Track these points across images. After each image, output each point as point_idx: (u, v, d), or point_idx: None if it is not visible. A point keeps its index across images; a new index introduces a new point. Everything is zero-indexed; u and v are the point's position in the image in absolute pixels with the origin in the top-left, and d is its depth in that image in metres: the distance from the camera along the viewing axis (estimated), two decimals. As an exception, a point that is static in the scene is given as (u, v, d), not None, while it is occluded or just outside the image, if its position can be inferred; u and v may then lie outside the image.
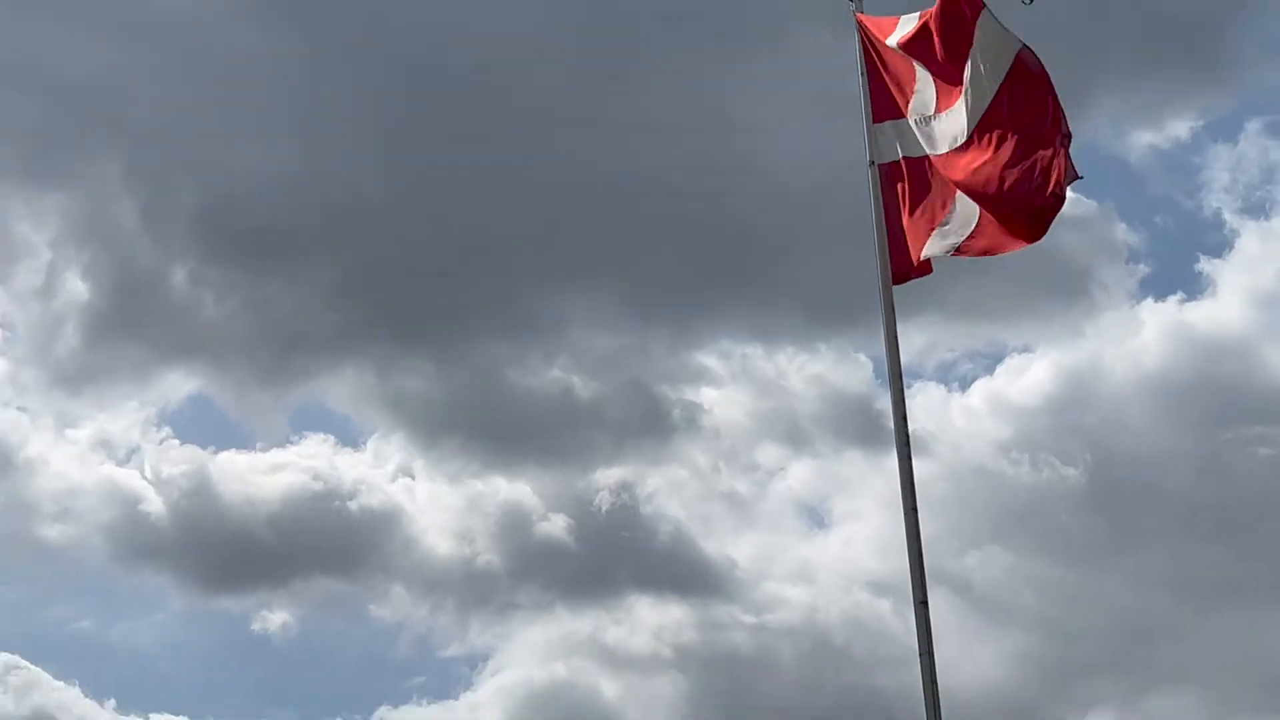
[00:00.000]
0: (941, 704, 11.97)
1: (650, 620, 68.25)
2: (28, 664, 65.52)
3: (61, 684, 71.73)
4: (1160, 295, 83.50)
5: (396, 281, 62.68)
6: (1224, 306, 74.96)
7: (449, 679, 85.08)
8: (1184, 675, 56.58)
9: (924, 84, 10.21)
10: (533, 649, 71.59)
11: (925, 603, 12.12)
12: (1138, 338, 74.47)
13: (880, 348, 10.75)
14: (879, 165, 10.70)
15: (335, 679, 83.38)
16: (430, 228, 57.54)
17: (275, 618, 76.10)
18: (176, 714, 72.51)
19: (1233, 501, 56.00)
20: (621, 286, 64.79)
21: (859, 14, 11.11)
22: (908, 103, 10.45)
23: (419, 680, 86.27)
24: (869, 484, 69.42)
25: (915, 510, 12.39)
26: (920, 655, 12.09)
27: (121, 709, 70.13)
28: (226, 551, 66.18)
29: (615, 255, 60.40)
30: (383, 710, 74.86)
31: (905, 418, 12.51)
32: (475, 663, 79.56)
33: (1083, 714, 63.49)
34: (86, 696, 70.00)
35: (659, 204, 55.63)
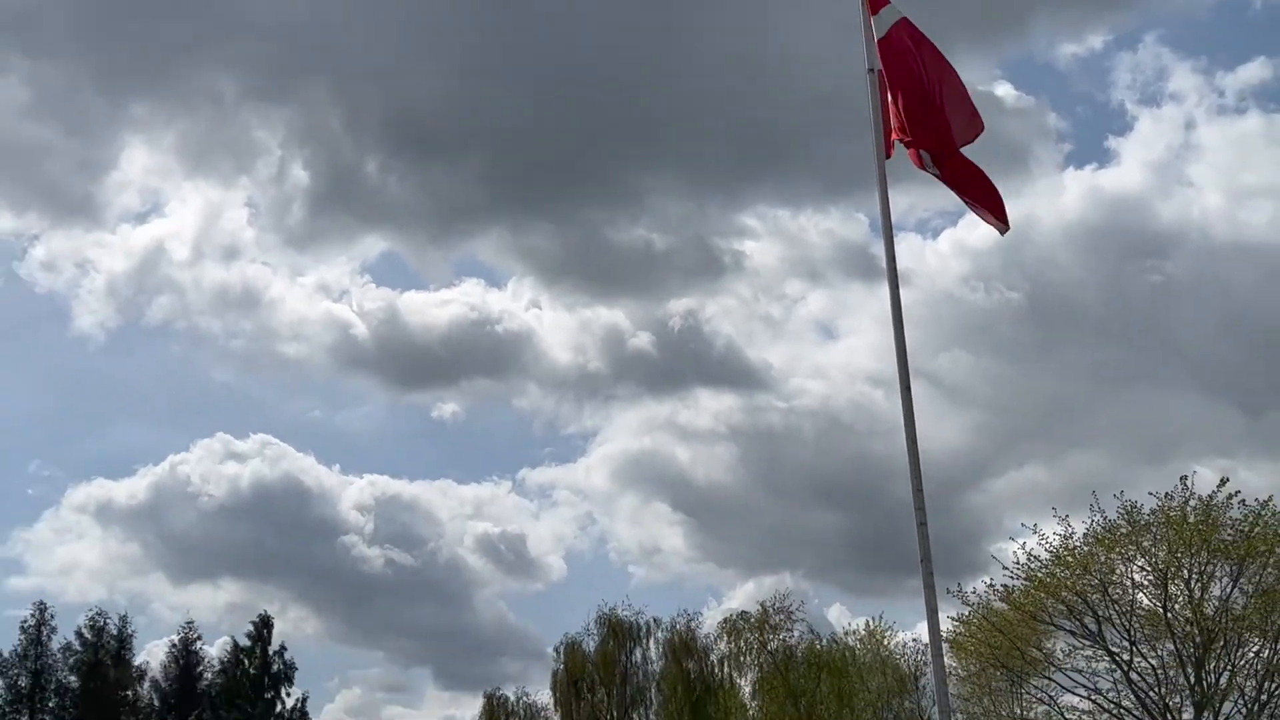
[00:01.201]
0: (920, 463, 14.90)
1: (710, 406, 75.77)
2: (278, 441, 76.73)
3: (301, 455, 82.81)
4: (1079, 165, 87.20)
5: (526, 166, 72.26)
6: (1126, 173, 78.95)
7: (569, 449, 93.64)
8: (1094, 439, 61.78)
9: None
10: (627, 427, 79.26)
11: (909, 389, 14.92)
12: (1063, 197, 79.01)
13: (875, 208, 11.94)
14: (875, 72, 11.89)
15: (489, 451, 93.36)
16: (549, 127, 65.34)
17: (447, 408, 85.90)
18: (380, 474, 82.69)
19: (1130, 313, 60.70)
20: (686, 167, 72.12)
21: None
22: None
23: (548, 450, 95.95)
24: (867, 307, 75.48)
25: (901, 325, 15.19)
26: (905, 427, 14.88)
27: (343, 472, 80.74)
28: (412, 362, 77.06)
29: (682, 143, 67.27)
30: (524, 471, 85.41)
31: (894, 258, 15.19)
32: (587, 438, 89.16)
33: (1020, 467, 69.18)
34: (319, 464, 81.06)
35: (714, 105, 62.00)
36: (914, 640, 42.00)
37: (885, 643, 42.28)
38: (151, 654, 40.77)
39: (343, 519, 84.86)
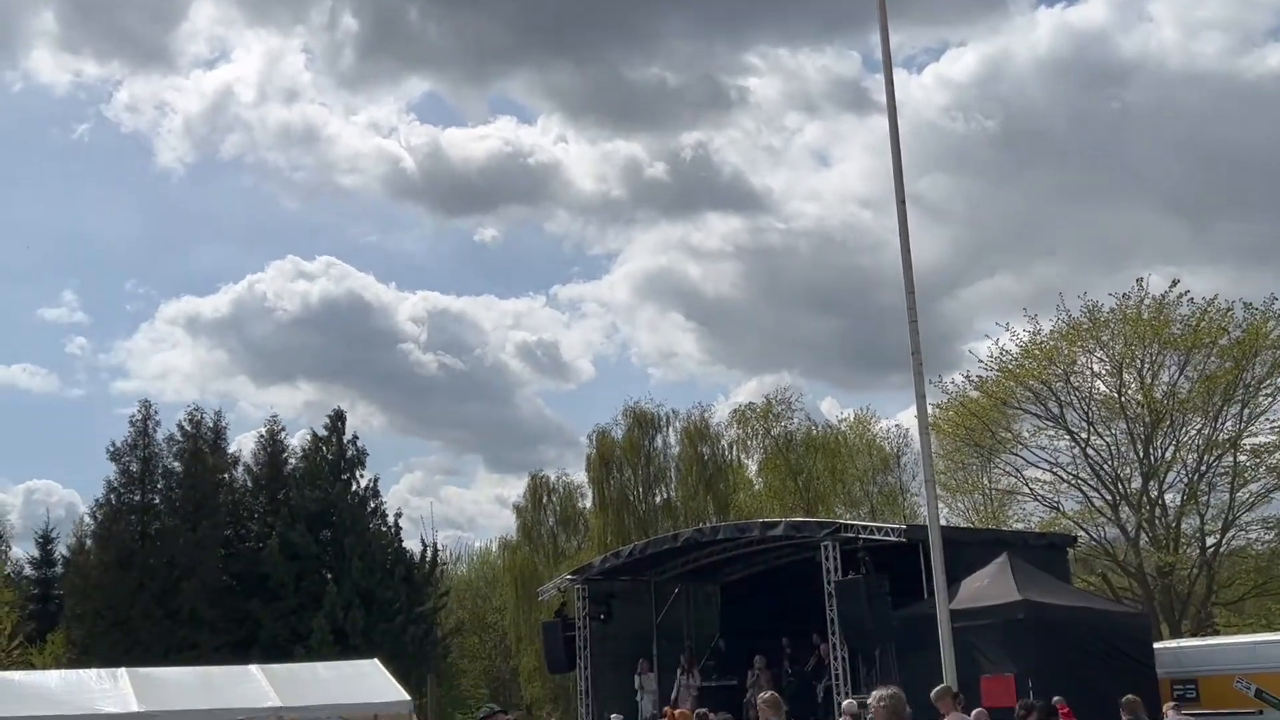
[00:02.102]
0: (913, 267, 16.97)
1: (718, 228, 78.78)
2: (340, 262, 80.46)
3: (361, 274, 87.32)
4: (1050, 4, 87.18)
5: (552, 11, 73.48)
6: (1092, 9, 78.90)
7: (595, 268, 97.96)
8: (1058, 250, 64.25)
9: None
10: (645, 248, 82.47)
11: (904, 202, 16.96)
12: (1035, 32, 79.59)
13: (867, 45, 14.15)
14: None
15: (525, 269, 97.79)
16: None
17: (487, 232, 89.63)
18: (431, 291, 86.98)
19: (1092, 137, 62.20)
20: (696, 9, 73.11)
21: None
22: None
23: (576, 269, 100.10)
24: (857, 137, 77.20)
25: (898, 143, 17.09)
26: (900, 236, 16.97)
27: (399, 289, 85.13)
28: (454, 191, 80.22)
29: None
30: (556, 288, 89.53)
31: (893, 84, 17.00)
32: (611, 258, 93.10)
33: (991, 276, 71.94)
34: (378, 281, 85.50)
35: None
36: (896, 426, 45.05)
37: (871, 429, 45.25)
38: (242, 445, 43.49)
39: (400, 329, 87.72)
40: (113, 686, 20.95)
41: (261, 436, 40.55)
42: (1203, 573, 31.07)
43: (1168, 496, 31.49)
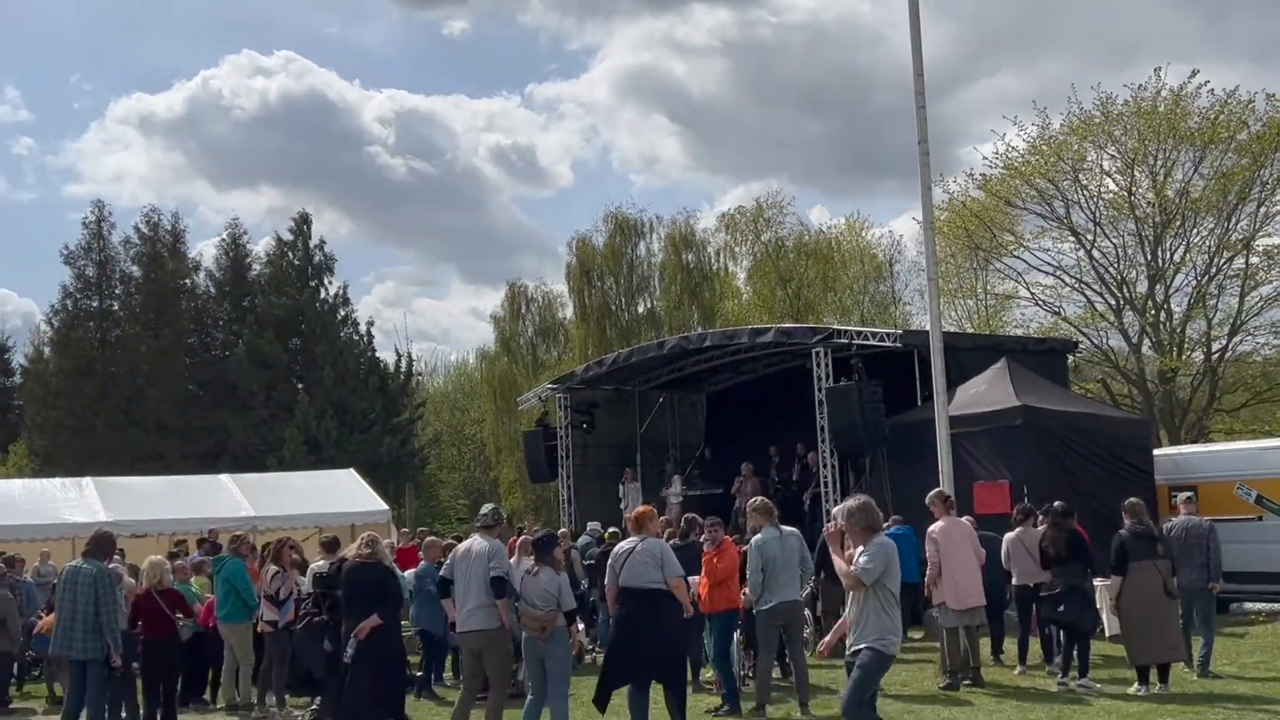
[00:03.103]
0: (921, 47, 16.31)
1: (706, 21, 76.75)
2: (299, 56, 78.54)
3: (322, 69, 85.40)
4: None
5: None
6: None
7: (573, 65, 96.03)
8: (1063, 45, 63.01)
9: None
10: (627, 43, 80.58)
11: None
12: None
13: None
14: None
15: (496, 68, 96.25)
16: None
17: (456, 24, 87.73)
18: (398, 89, 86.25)
19: None
20: None
21: None
22: None
23: (553, 66, 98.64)
24: None
25: None
26: (910, 13, 16.29)
27: (363, 87, 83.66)
28: None
29: None
30: (531, 86, 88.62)
31: None
32: (590, 54, 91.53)
33: (993, 75, 70.98)
34: (341, 78, 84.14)
35: None
36: (889, 232, 44.71)
37: (864, 235, 44.98)
38: (203, 252, 43.24)
39: (366, 130, 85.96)
40: (78, 496, 21.09)
41: (223, 241, 40.13)
42: (1206, 379, 31.38)
43: (1174, 300, 31.54)
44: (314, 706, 10.03)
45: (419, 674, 12.07)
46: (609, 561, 9.36)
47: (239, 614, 11.87)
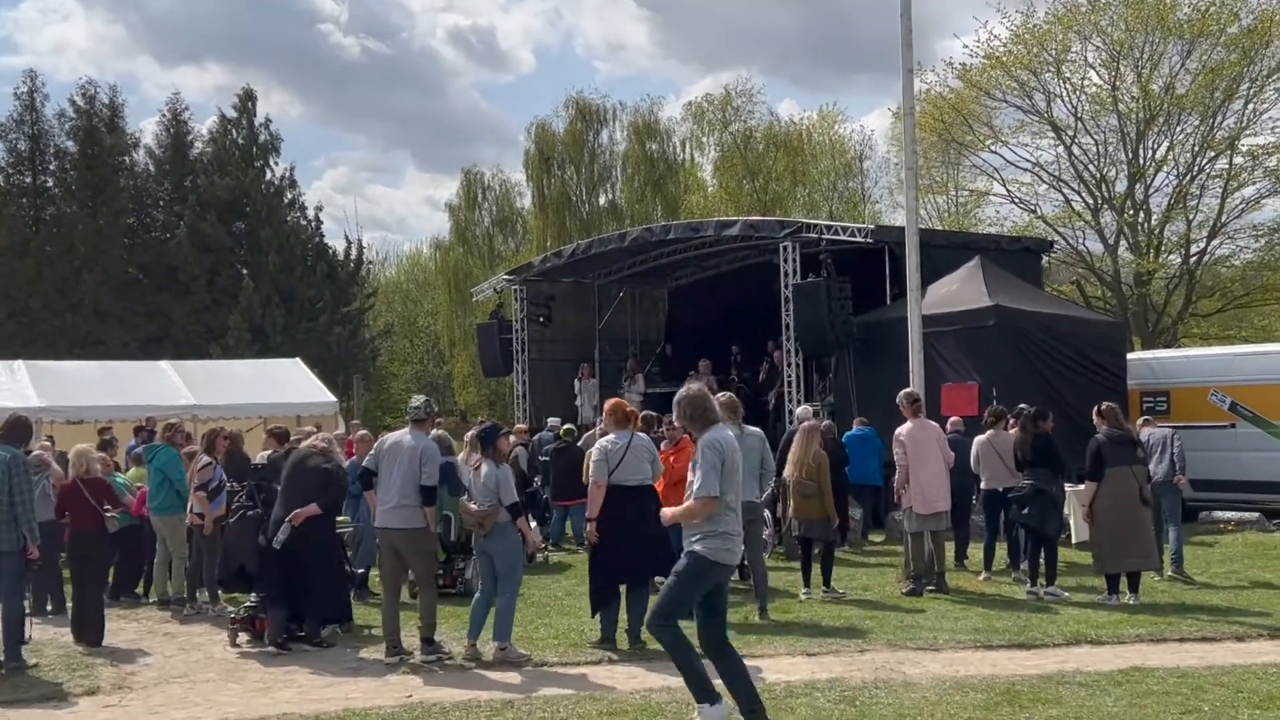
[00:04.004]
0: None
1: None
2: None
3: None
4: None
5: None
6: None
7: None
8: None
9: None
10: None
11: None
12: None
13: None
14: None
15: None
16: None
17: None
18: None
19: None
20: None
21: None
22: None
23: None
24: None
25: None
26: None
27: None
28: None
29: None
30: None
31: None
32: None
33: None
34: None
35: None
36: (860, 127, 44.06)
37: (835, 128, 44.35)
38: (144, 129, 41.97)
39: (317, 7, 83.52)
40: (9, 379, 20.60)
41: (164, 117, 38.87)
42: (1182, 283, 31.36)
43: (1153, 201, 31.37)
44: (249, 603, 9.75)
45: (360, 570, 11.82)
46: (595, 456, 9.09)
47: (172, 505, 11.54)
